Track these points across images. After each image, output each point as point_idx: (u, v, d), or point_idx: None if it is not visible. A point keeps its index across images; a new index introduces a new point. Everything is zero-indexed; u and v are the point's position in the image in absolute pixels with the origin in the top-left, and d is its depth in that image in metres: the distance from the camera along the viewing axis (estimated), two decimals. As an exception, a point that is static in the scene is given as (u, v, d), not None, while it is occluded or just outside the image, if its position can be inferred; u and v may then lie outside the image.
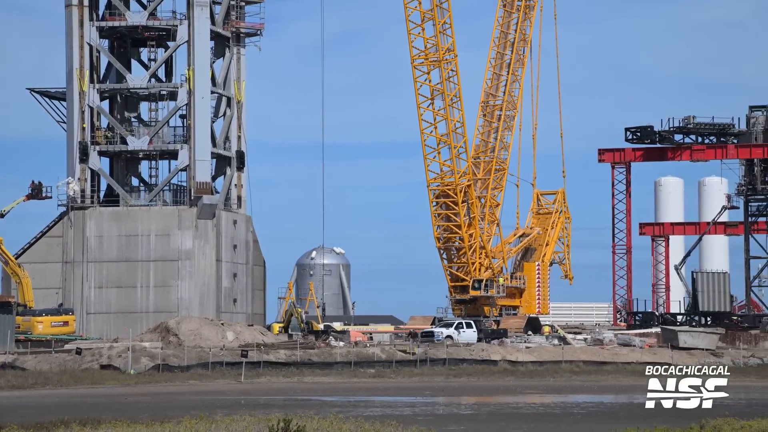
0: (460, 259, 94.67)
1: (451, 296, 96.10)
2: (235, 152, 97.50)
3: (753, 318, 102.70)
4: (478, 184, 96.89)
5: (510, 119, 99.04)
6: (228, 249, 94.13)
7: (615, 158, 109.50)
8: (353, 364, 74.44)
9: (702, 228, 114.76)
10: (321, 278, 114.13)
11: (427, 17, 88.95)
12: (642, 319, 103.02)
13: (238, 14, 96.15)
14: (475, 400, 56.54)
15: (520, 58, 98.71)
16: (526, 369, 75.93)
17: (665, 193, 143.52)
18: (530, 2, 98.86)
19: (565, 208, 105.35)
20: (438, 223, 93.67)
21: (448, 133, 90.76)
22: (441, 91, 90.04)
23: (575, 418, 46.05)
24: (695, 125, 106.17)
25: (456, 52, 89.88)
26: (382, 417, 42.26)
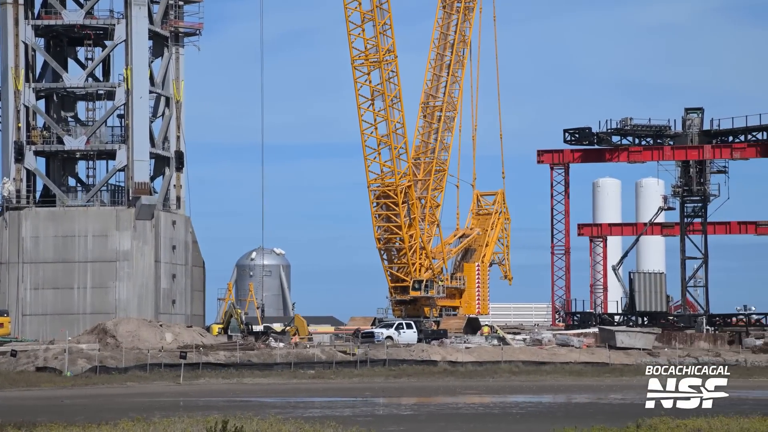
0: (400, 259, 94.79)
1: (392, 297, 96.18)
2: (174, 152, 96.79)
3: (688, 318, 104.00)
4: (419, 185, 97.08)
5: (450, 120, 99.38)
6: (167, 250, 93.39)
7: (554, 159, 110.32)
8: (293, 365, 74.27)
9: (639, 229, 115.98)
10: (261, 279, 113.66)
11: (367, 18, 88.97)
12: (580, 320, 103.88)
13: (176, 14, 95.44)
14: (415, 401, 56.64)
15: (460, 59, 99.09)
16: (465, 369, 76.22)
17: (603, 194, 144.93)
18: (470, 4, 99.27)
19: (505, 209, 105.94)
20: (378, 223, 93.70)
21: (388, 133, 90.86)
22: (381, 92, 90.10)
23: (514, 418, 46.29)
24: (632, 127, 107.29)
25: (396, 53, 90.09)
26: (322, 418, 42.17)
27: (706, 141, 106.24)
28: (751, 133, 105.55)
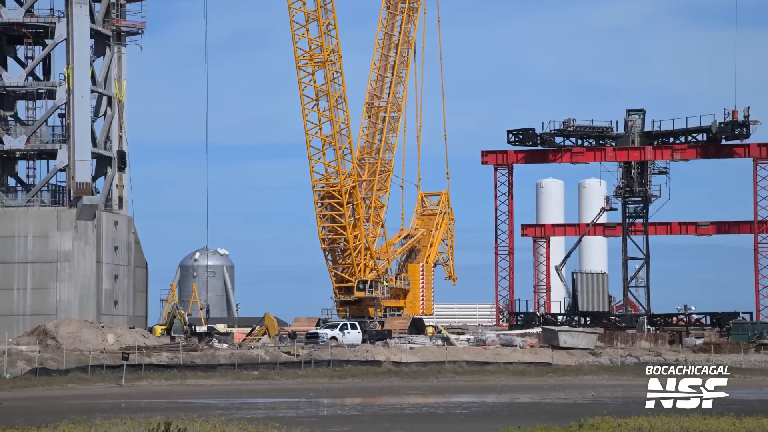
0: (345, 260, 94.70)
1: (336, 297, 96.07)
2: (116, 152, 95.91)
3: (630, 318, 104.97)
4: (363, 186, 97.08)
5: (394, 121, 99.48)
6: (109, 250, 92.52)
7: (497, 160, 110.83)
8: (237, 366, 73.89)
9: (582, 229, 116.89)
10: (205, 280, 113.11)
11: (311, 18, 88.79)
12: (524, 320, 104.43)
13: (118, 12, 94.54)
14: (359, 401, 56.60)
15: (404, 60, 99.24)
16: (410, 370, 76.32)
17: (546, 194, 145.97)
18: (414, 5, 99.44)
19: (449, 209, 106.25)
20: (323, 224, 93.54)
21: (333, 134, 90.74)
22: (326, 92, 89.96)
23: (458, 418, 46.41)
24: (575, 128, 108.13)
25: (341, 53, 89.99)
26: (266, 419, 41.99)
27: (647, 142, 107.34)
28: (691, 135, 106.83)
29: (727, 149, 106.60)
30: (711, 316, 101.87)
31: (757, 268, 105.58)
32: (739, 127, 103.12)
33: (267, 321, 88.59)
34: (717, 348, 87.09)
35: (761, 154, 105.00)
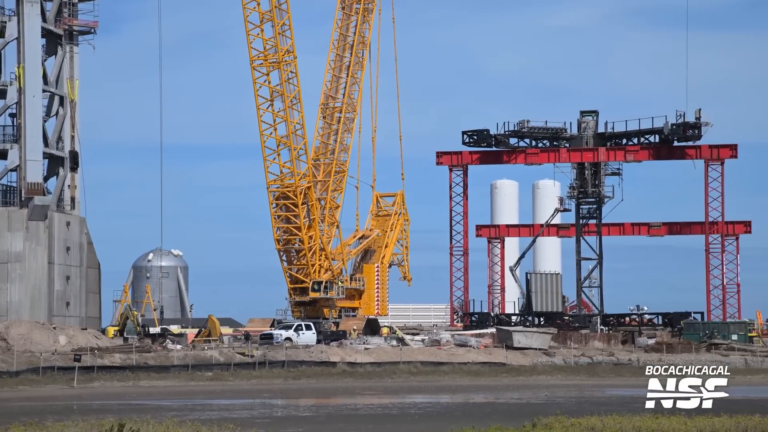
0: (299, 261, 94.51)
1: (291, 298, 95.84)
2: (69, 152, 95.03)
3: (583, 318, 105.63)
4: (318, 186, 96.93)
5: (350, 121, 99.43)
6: (61, 251, 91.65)
7: (452, 161, 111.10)
8: (191, 367, 73.51)
9: (536, 230, 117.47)
10: (158, 280, 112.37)
11: (266, 18, 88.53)
12: (478, 320, 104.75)
13: (70, 12, 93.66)
14: (313, 402, 56.51)
15: (359, 60, 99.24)
16: (364, 370, 76.32)
17: (501, 195, 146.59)
18: (369, 5, 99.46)
19: (404, 210, 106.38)
20: (278, 225, 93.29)
21: (288, 134, 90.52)
22: (281, 93, 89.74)
23: (412, 419, 46.46)
24: (529, 129, 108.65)
25: (296, 54, 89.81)
26: (220, 420, 41.81)
27: (600, 143, 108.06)
28: (643, 136, 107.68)
29: (679, 151, 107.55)
30: (663, 316, 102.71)
31: (708, 269, 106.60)
32: (691, 128, 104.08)
33: (210, 323, 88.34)
34: (669, 348, 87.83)
35: (712, 156, 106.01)
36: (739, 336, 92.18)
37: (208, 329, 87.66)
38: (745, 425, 36.11)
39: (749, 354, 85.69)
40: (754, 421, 36.93)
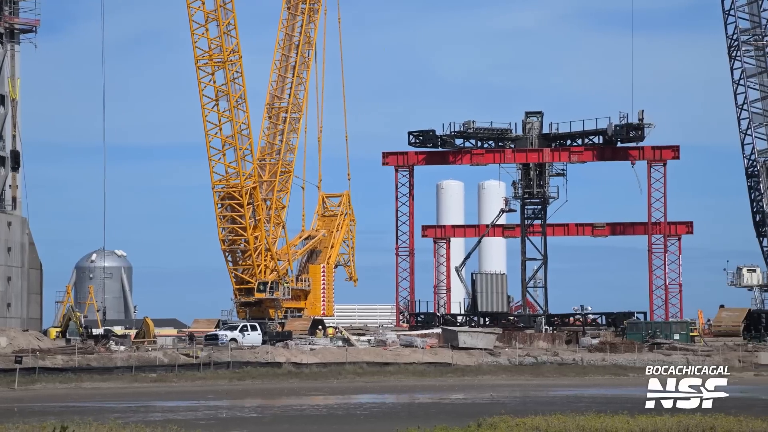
0: (245, 261, 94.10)
1: (236, 299, 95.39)
2: (10, 152, 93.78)
3: (528, 318, 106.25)
4: (264, 186, 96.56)
5: (295, 122, 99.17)
6: (1, 252, 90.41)
7: (398, 162, 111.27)
8: (134, 368, 72.91)
9: (481, 230, 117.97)
10: (101, 281, 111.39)
11: (210, 18, 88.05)
12: (424, 320, 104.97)
13: (11, 10, 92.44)
14: (258, 403, 56.29)
15: (305, 60, 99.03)
16: (310, 371, 76.18)
17: (447, 196, 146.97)
18: (314, 5, 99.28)
19: (350, 210, 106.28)
20: (223, 225, 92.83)
21: (233, 134, 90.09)
22: (226, 93, 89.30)
23: (358, 419, 46.46)
24: (475, 130, 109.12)
25: (241, 54, 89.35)
26: (164, 422, 41.52)
27: (545, 144, 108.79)
28: (588, 137, 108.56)
29: (623, 152, 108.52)
30: (606, 316, 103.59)
31: (651, 269, 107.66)
32: (634, 130, 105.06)
33: (144, 325, 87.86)
34: (612, 347, 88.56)
35: (655, 157, 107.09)
36: (681, 336, 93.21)
37: (143, 331, 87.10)
38: (687, 424, 36.53)
39: (691, 353, 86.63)
40: (696, 420, 37.37)
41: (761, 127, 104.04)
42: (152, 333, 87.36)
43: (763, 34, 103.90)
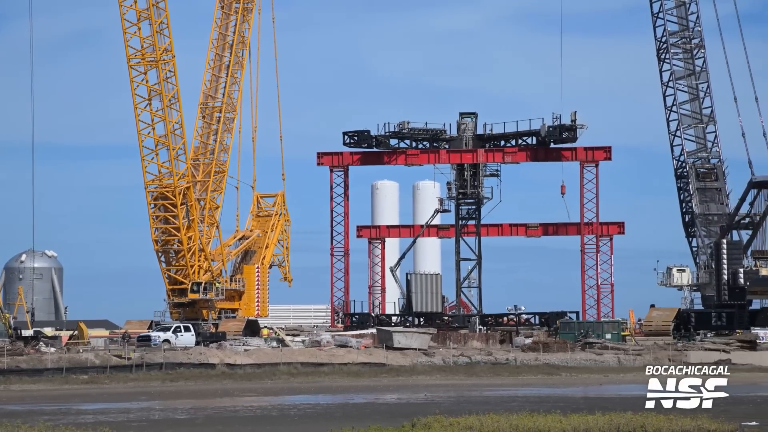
0: (178, 262, 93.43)
1: (169, 299, 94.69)
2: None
3: (462, 318, 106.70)
4: (198, 186, 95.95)
5: (230, 121, 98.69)
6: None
7: (333, 162, 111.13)
8: (65, 370, 71.99)
9: (416, 231, 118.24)
10: (31, 282, 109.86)
11: (143, 16, 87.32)
12: (359, 321, 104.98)
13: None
14: (192, 404, 55.86)
15: (239, 60, 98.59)
16: (244, 372, 75.79)
17: (381, 196, 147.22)
18: (248, 5, 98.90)
19: (285, 210, 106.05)
20: (156, 225, 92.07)
21: (166, 134, 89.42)
22: (159, 92, 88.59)
23: (292, 420, 46.33)
24: (410, 130, 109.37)
25: (174, 53, 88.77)
26: (95, 424, 41.10)
27: (479, 145, 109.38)
28: (521, 138, 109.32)
29: (556, 152, 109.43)
30: (540, 316, 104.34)
31: (583, 269, 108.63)
32: (567, 131, 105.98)
33: (78, 330, 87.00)
34: (545, 347, 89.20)
35: (587, 158, 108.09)
36: (613, 335, 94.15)
37: (77, 334, 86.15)
38: (618, 423, 36.91)
39: (622, 353, 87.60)
40: (627, 418, 37.78)
41: (690, 129, 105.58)
42: (86, 337, 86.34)
43: (691, 37, 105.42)
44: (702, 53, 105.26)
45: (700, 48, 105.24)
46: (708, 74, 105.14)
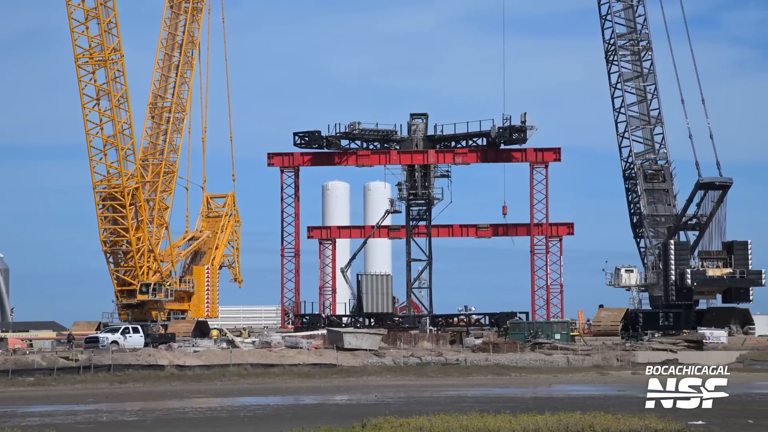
0: (127, 263, 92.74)
1: (118, 301, 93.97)
2: None
3: (413, 319, 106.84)
4: (147, 187, 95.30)
5: (179, 121, 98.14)
6: None
7: (284, 162, 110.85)
8: (10, 372, 71.13)
9: (367, 231, 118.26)
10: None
11: (91, 16, 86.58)
12: (309, 321, 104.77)
13: None
14: (140, 406, 55.45)
15: (189, 60, 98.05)
16: (193, 373, 75.36)
17: (332, 197, 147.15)
18: (198, 5, 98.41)
19: (235, 211, 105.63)
20: (104, 226, 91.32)
21: (115, 134, 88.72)
22: (107, 92, 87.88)
23: (242, 421, 46.13)
24: (360, 131, 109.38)
25: (122, 52, 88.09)
26: (41, 426, 40.70)
27: (430, 146, 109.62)
28: (472, 139, 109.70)
29: (506, 153, 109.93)
30: (490, 317, 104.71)
31: (533, 270, 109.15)
32: (517, 132, 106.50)
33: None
34: (495, 347, 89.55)
35: (537, 159, 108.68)
36: (562, 335, 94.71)
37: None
38: (567, 422, 37.13)
39: (571, 353, 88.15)
40: (575, 418, 38.01)
41: (638, 130, 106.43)
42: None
43: (639, 39, 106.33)
44: (649, 55, 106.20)
45: (648, 50, 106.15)
46: (656, 76, 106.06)
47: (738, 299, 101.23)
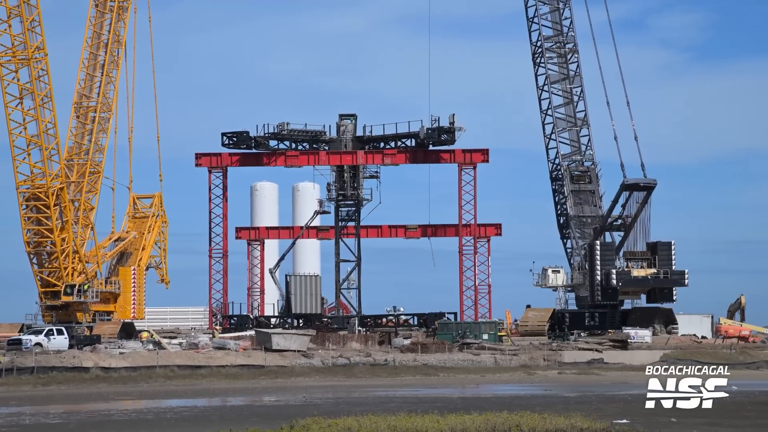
0: (51, 263, 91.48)
1: (42, 302, 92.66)
2: None
3: (342, 319, 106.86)
4: (72, 187, 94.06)
5: (105, 121, 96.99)
6: None
7: (212, 163, 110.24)
8: (-69, 376, 69.84)
9: (296, 232, 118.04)
10: None
11: (13, 13, 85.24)
12: (237, 323, 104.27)
13: None
14: (64, 409, 54.71)
15: (115, 59, 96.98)
16: (119, 375, 74.62)
17: (261, 197, 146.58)
18: (123, 3, 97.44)
19: (162, 212, 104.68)
20: (28, 226, 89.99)
21: (39, 134, 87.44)
22: (31, 91, 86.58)
23: (168, 423, 45.74)
24: (289, 132, 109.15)
25: (47, 51, 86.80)
26: (-38, 432, 39.89)
27: (359, 147, 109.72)
28: (401, 140, 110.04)
29: (435, 154, 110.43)
30: (418, 317, 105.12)
31: (462, 270, 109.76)
32: (445, 133, 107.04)
33: None
34: (423, 348, 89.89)
35: (465, 160, 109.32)
36: (490, 335, 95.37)
37: None
38: (494, 422, 37.34)
39: (499, 353, 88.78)
40: (503, 418, 38.25)
41: (564, 132, 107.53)
42: None
43: (565, 42, 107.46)
44: (576, 58, 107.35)
45: (574, 53, 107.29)
46: (582, 78, 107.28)
47: (662, 299, 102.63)
